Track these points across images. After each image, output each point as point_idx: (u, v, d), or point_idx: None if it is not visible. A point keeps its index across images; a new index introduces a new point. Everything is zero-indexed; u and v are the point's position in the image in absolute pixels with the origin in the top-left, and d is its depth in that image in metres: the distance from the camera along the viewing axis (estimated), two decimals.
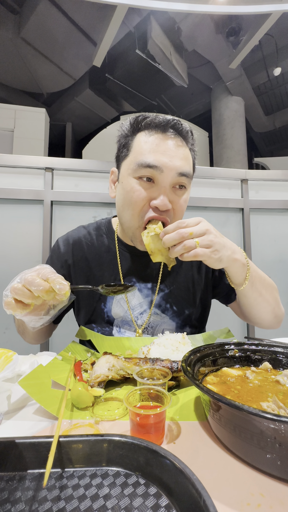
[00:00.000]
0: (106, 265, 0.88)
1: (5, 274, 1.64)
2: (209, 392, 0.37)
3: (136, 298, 0.88)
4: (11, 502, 0.31)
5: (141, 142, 0.74)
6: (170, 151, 0.72)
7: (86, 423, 0.46)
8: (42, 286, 0.51)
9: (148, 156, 0.71)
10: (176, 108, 7.63)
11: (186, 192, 0.78)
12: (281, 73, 5.78)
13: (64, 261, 0.89)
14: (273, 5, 3.90)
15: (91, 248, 0.90)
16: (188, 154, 0.77)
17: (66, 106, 6.88)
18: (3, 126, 5.23)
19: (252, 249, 1.88)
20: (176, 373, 0.56)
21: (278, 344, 0.58)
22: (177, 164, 0.72)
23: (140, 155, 0.73)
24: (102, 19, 4.47)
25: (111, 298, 0.88)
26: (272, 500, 0.31)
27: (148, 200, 0.74)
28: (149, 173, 0.72)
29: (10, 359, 0.62)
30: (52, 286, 0.51)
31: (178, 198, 0.76)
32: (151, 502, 0.30)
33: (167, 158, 0.71)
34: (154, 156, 0.71)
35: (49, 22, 4.68)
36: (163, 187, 0.72)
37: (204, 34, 5.18)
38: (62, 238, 0.93)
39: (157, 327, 0.87)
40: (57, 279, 0.52)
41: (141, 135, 0.75)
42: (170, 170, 0.71)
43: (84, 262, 0.89)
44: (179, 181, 0.74)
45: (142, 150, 0.73)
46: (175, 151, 0.73)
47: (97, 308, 0.88)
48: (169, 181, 0.73)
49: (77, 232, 0.93)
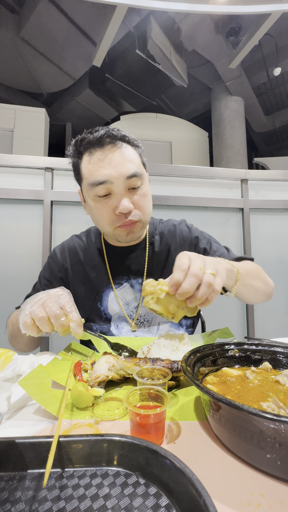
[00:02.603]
0: (98, 266, 0.94)
1: (5, 274, 1.64)
2: (209, 392, 0.37)
3: (129, 293, 0.92)
4: (11, 502, 0.31)
5: (86, 164, 0.79)
6: (113, 161, 0.76)
7: (86, 423, 0.46)
8: (64, 323, 0.58)
9: (96, 175, 0.77)
10: (176, 108, 7.62)
11: (143, 187, 0.82)
12: (281, 73, 5.77)
13: (61, 266, 0.96)
14: (273, 5, 3.89)
15: (85, 253, 0.96)
16: (131, 153, 0.80)
17: (66, 106, 6.87)
18: (3, 126, 5.23)
19: (252, 249, 1.88)
20: (176, 373, 0.56)
21: (278, 344, 0.58)
22: (122, 171, 0.76)
23: (89, 176, 0.78)
24: (102, 19, 4.46)
25: (107, 296, 0.92)
26: (272, 500, 0.31)
27: (112, 211, 0.79)
28: (103, 189, 0.77)
29: (10, 359, 0.63)
30: (70, 326, 0.58)
31: (137, 196, 0.80)
32: (151, 502, 0.30)
33: (112, 169, 0.76)
34: (101, 173, 0.76)
35: (49, 22, 4.68)
36: (119, 194, 0.78)
37: (204, 34, 5.17)
38: (58, 247, 1.01)
39: (153, 320, 0.91)
40: (75, 319, 0.58)
41: (85, 158, 0.80)
42: (118, 178, 0.76)
43: (80, 265, 0.95)
44: (131, 183, 0.78)
45: (89, 171, 0.78)
46: (117, 159, 0.77)
47: (94, 307, 0.92)
48: (122, 188, 0.77)
49: (71, 240, 1.01)
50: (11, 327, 0.85)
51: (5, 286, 1.63)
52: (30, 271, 1.65)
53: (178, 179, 1.84)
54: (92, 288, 0.92)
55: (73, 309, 0.60)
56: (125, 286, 0.92)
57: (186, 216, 1.82)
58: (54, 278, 0.95)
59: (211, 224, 1.86)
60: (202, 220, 1.85)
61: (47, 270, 0.97)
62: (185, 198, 1.81)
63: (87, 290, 0.93)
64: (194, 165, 2.05)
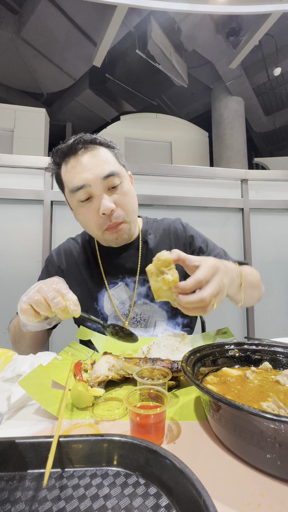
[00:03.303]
0: (93, 267, 0.95)
1: (5, 274, 1.64)
2: (209, 392, 0.37)
3: (125, 292, 0.93)
4: (11, 502, 0.31)
5: (65, 173, 0.82)
6: (87, 165, 0.78)
7: (86, 423, 0.46)
8: (60, 304, 0.58)
9: (74, 181, 0.79)
10: (176, 108, 7.62)
11: (123, 184, 0.83)
12: (281, 73, 5.77)
13: (57, 268, 0.98)
14: (273, 5, 3.89)
15: (80, 254, 0.98)
16: (105, 154, 0.82)
17: (66, 106, 6.87)
18: (3, 126, 5.24)
19: (252, 249, 1.88)
20: (176, 373, 0.56)
21: (278, 344, 0.58)
22: (98, 172, 0.78)
23: (69, 183, 0.80)
24: (102, 19, 4.46)
25: (102, 296, 0.93)
26: (272, 500, 0.31)
27: (96, 213, 0.80)
28: (83, 193, 0.79)
29: (10, 359, 0.63)
30: (67, 305, 0.58)
31: (117, 195, 0.81)
32: (151, 502, 0.30)
33: (88, 172, 0.78)
34: (78, 178, 0.78)
35: (49, 22, 4.68)
36: (99, 195, 0.79)
37: (204, 34, 5.17)
38: (54, 250, 1.03)
39: (149, 319, 0.91)
40: (71, 299, 0.59)
41: (62, 167, 0.83)
42: (95, 180, 0.78)
43: (75, 267, 0.96)
44: (109, 182, 0.79)
45: (68, 179, 0.81)
46: (91, 162, 0.79)
47: (91, 308, 0.93)
48: (101, 188, 0.79)
49: (67, 243, 1.03)
50: (13, 330, 0.86)
51: (5, 286, 1.63)
52: (30, 271, 1.65)
53: (178, 179, 1.84)
54: (88, 288, 0.93)
55: (68, 291, 0.60)
56: (120, 285, 0.93)
57: (186, 216, 1.82)
58: None
59: (211, 224, 1.86)
60: (202, 220, 1.85)
61: (45, 273, 0.99)
62: (185, 198, 1.81)
63: (83, 290, 0.93)
64: (194, 165, 2.05)
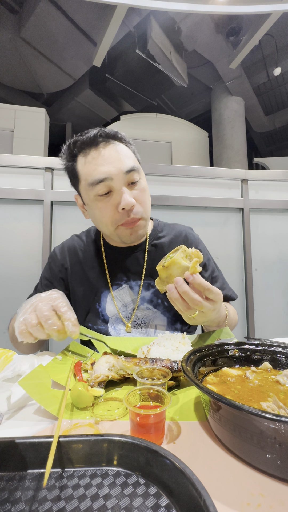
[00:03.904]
0: (97, 267, 0.93)
1: (4, 274, 1.64)
2: (209, 392, 0.37)
3: (128, 295, 0.91)
4: (11, 502, 0.31)
5: (83, 166, 0.80)
6: (109, 158, 0.77)
7: (86, 423, 0.46)
8: (56, 326, 0.56)
9: (94, 174, 0.76)
10: (176, 108, 7.62)
11: (141, 181, 0.82)
12: (281, 73, 5.76)
13: (61, 265, 0.95)
14: (273, 5, 3.89)
15: (84, 253, 0.96)
16: (125, 150, 0.81)
17: (66, 106, 6.86)
18: (3, 126, 5.23)
19: (252, 249, 1.88)
20: (176, 373, 0.56)
21: (278, 344, 0.58)
22: (121, 166, 0.77)
23: (88, 176, 0.78)
24: (102, 19, 4.46)
25: (105, 297, 0.91)
26: (272, 500, 0.31)
27: (115, 208, 0.79)
28: (103, 186, 0.77)
29: (10, 359, 0.63)
30: (66, 327, 0.56)
31: (136, 191, 0.81)
32: (151, 502, 0.30)
33: (110, 165, 0.76)
34: (99, 171, 0.76)
35: (49, 22, 4.67)
36: (119, 190, 0.78)
37: (204, 34, 5.17)
38: (58, 247, 1.00)
39: (150, 322, 0.90)
40: (70, 319, 0.57)
41: (80, 159, 0.80)
42: (118, 174, 0.76)
43: (79, 265, 0.94)
44: (130, 177, 0.79)
45: (88, 172, 0.78)
46: (113, 155, 0.78)
47: (92, 308, 0.91)
48: (122, 183, 0.78)
49: (71, 240, 1.00)
50: (11, 331, 0.85)
51: (5, 286, 1.62)
52: (30, 271, 1.65)
53: (178, 179, 1.84)
54: (90, 288, 0.92)
55: (67, 309, 0.58)
56: (124, 288, 0.91)
57: (186, 216, 1.82)
58: (54, 279, 0.95)
59: (211, 224, 1.86)
60: (202, 220, 1.85)
61: (47, 271, 0.97)
62: (185, 198, 1.81)
63: (86, 290, 0.92)
64: (194, 165, 2.05)
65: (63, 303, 0.59)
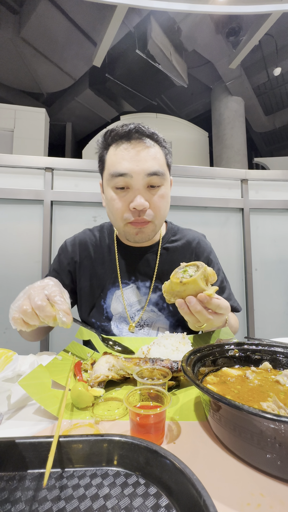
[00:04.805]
0: (107, 264, 0.93)
1: (5, 274, 1.64)
2: (209, 392, 0.37)
3: (134, 295, 0.91)
4: (11, 502, 0.31)
5: (111, 155, 0.81)
6: (137, 156, 0.77)
7: (86, 423, 0.46)
8: (49, 313, 0.54)
9: (117, 166, 0.78)
10: (176, 108, 7.62)
11: (162, 188, 0.82)
12: (281, 73, 5.76)
13: (70, 259, 0.95)
14: (273, 5, 3.89)
15: (96, 248, 0.95)
16: (157, 152, 0.81)
17: (66, 106, 6.87)
18: (3, 126, 5.23)
19: (252, 249, 1.88)
20: (176, 373, 0.56)
21: (278, 344, 0.58)
22: (144, 167, 0.77)
23: (112, 166, 0.79)
24: (102, 19, 4.46)
25: (111, 294, 0.91)
26: (272, 500, 0.31)
27: (127, 205, 0.79)
28: (121, 181, 0.78)
29: (10, 359, 0.63)
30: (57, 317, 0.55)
31: (153, 196, 0.80)
32: (151, 502, 0.30)
33: (134, 163, 0.77)
34: (123, 165, 0.77)
35: (49, 22, 4.67)
36: (137, 189, 0.78)
37: (204, 34, 5.17)
38: (69, 239, 0.99)
39: (153, 324, 0.91)
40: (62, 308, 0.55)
41: (111, 149, 0.82)
42: (139, 174, 0.77)
43: (89, 260, 0.94)
44: (151, 181, 0.79)
45: (112, 162, 0.80)
46: (141, 154, 0.78)
47: (97, 304, 0.92)
48: (141, 184, 0.78)
49: (83, 234, 0.99)
50: None
51: (5, 286, 1.63)
52: (30, 271, 1.65)
53: (178, 179, 1.84)
54: (98, 284, 0.92)
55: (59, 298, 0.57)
56: (131, 287, 0.91)
57: (186, 216, 1.82)
58: (62, 271, 0.95)
59: (211, 224, 1.86)
60: (202, 220, 1.85)
61: (56, 262, 0.97)
62: (185, 198, 1.81)
63: (93, 286, 0.92)
64: (194, 165, 2.04)
65: (56, 291, 0.58)
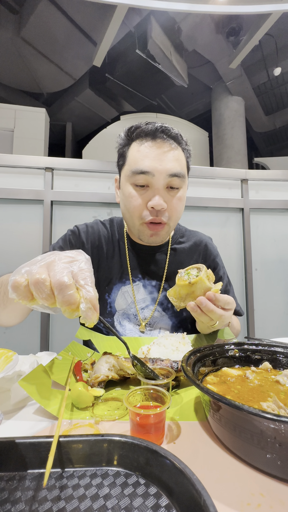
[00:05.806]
0: (116, 259, 0.93)
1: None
2: (209, 392, 0.37)
3: (140, 293, 0.91)
4: (11, 502, 0.31)
5: (134, 152, 0.80)
6: (160, 156, 0.77)
7: (86, 423, 0.46)
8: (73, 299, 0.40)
9: (140, 164, 0.77)
10: (176, 108, 7.62)
11: (181, 190, 0.82)
12: (281, 73, 5.76)
13: (81, 243, 0.92)
14: (273, 5, 3.89)
15: (106, 241, 0.95)
16: (179, 155, 0.81)
17: (66, 106, 6.86)
18: (3, 126, 5.23)
19: (252, 249, 1.88)
20: (176, 373, 0.56)
21: (278, 344, 0.58)
22: (167, 167, 0.77)
23: (133, 163, 0.79)
24: (102, 19, 4.46)
25: (117, 290, 0.91)
26: (272, 500, 0.31)
27: (145, 203, 0.79)
28: (142, 179, 0.77)
29: (10, 359, 0.62)
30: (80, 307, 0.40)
31: (172, 197, 0.81)
32: (151, 502, 0.30)
33: (157, 162, 0.77)
34: (145, 163, 0.77)
35: (49, 22, 4.67)
36: (157, 189, 0.78)
37: (204, 34, 5.17)
38: (81, 225, 0.95)
39: (155, 324, 0.91)
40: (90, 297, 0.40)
41: (134, 145, 0.81)
42: (161, 173, 0.77)
43: (98, 251, 0.93)
44: (171, 182, 0.79)
45: (135, 159, 0.79)
46: (165, 155, 0.78)
47: (101, 297, 0.91)
48: (162, 184, 0.78)
49: (96, 225, 0.97)
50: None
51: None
52: None
53: None
54: (105, 277, 0.91)
55: (89, 282, 0.42)
56: (138, 285, 0.91)
57: (186, 216, 1.82)
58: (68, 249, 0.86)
59: (211, 224, 1.86)
60: (202, 220, 1.85)
61: (63, 241, 0.91)
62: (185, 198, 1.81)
63: (99, 278, 0.91)
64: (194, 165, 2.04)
65: (86, 272, 0.42)
